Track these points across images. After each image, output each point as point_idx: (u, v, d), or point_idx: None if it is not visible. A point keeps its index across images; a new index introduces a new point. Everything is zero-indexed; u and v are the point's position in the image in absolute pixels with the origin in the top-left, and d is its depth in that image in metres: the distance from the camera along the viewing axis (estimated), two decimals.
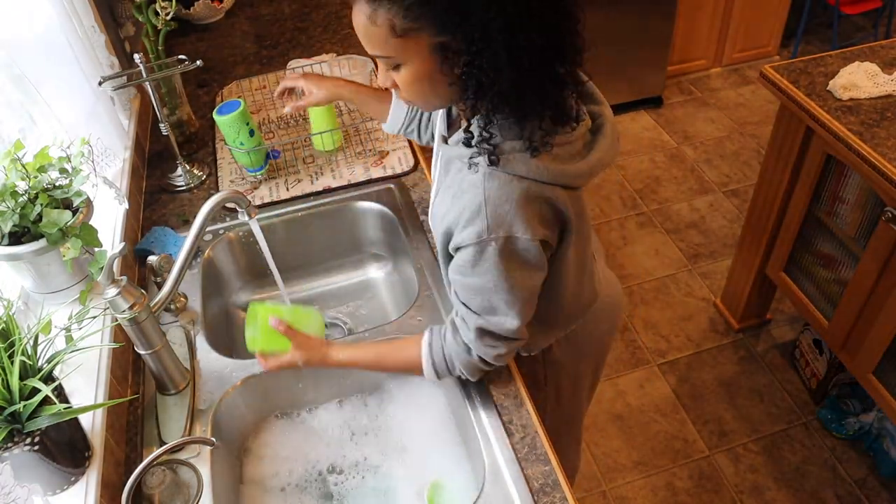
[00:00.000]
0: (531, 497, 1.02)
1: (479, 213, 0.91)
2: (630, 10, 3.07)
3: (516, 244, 0.93)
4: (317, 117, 1.63)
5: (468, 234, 0.93)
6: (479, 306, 1.00)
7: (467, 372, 1.09)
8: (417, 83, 0.91)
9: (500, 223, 0.91)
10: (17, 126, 1.33)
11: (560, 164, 0.92)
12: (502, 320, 1.00)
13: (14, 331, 0.91)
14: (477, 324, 1.01)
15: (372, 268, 1.65)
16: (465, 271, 0.97)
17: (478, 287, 0.97)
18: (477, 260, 0.94)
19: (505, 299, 0.98)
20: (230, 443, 1.23)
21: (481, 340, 1.02)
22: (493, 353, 1.04)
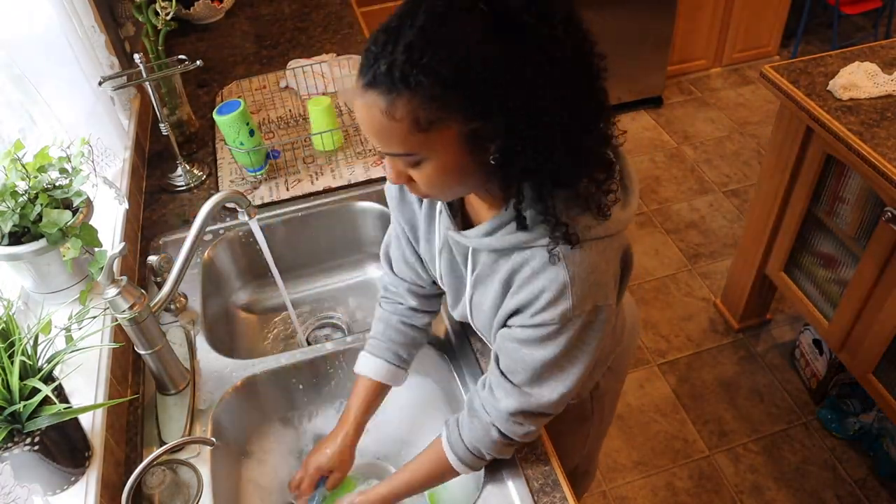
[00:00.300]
0: (531, 497, 1.02)
1: (563, 294, 0.81)
2: (630, 10, 3.07)
3: (600, 314, 0.85)
4: (317, 117, 1.63)
5: (548, 316, 0.83)
6: (525, 379, 0.90)
7: (497, 454, 0.99)
8: (443, 177, 0.79)
9: (586, 297, 0.82)
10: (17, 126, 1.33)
11: (621, 210, 0.85)
12: (543, 393, 0.90)
13: (14, 331, 0.91)
14: (514, 401, 0.91)
15: (372, 268, 1.65)
16: (529, 344, 0.87)
17: (535, 360, 0.87)
18: (552, 337, 0.85)
19: (563, 369, 0.88)
20: (230, 443, 1.23)
21: (512, 418, 0.93)
22: (522, 431, 0.94)
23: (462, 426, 0.99)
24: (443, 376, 1.27)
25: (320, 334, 1.53)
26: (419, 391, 1.32)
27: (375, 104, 0.73)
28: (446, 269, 1.01)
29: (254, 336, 1.53)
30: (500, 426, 0.94)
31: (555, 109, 0.72)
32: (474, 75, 0.70)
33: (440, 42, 0.69)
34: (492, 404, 0.94)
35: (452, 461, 1.00)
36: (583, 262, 0.81)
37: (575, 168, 0.77)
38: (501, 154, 0.74)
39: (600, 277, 0.83)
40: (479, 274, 0.93)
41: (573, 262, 0.81)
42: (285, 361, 1.26)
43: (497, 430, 0.95)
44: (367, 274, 1.64)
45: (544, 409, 0.92)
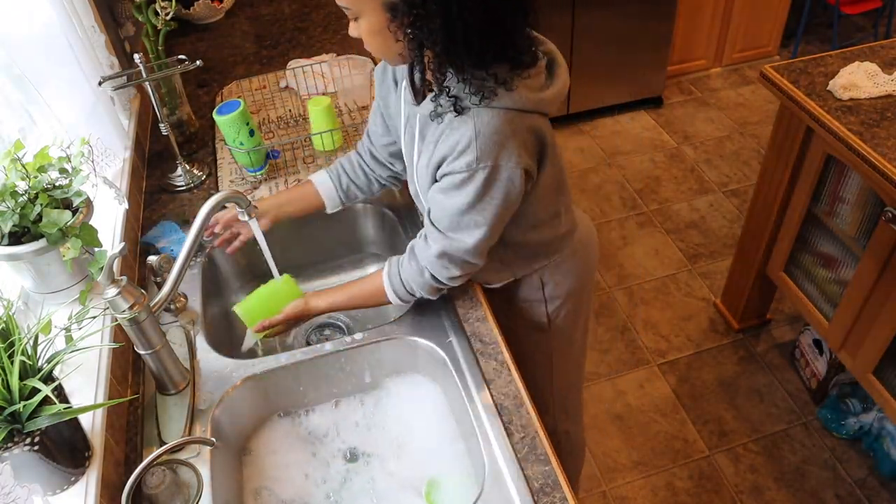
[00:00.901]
0: (531, 497, 1.02)
1: (469, 146, 1.00)
2: (630, 10, 3.07)
3: (501, 172, 1.02)
4: (317, 117, 1.63)
5: (458, 164, 1.01)
6: (447, 225, 1.09)
7: (425, 292, 1.19)
8: (373, 36, 1.00)
9: (488, 153, 1.00)
10: (17, 126, 1.33)
11: (536, 93, 1.03)
12: (463, 238, 1.09)
13: (14, 331, 0.91)
14: (440, 245, 1.10)
15: (372, 268, 1.65)
16: (447, 192, 1.06)
17: (453, 207, 1.06)
18: (462, 184, 1.03)
19: (474, 220, 1.07)
20: (230, 443, 1.23)
21: (439, 261, 1.12)
22: (447, 274, 1.14)
23: (401, 265, 1.19)
24: (443, 376, 1.27)
25: (320, 334, 1.53)
26: (419, 391, 1.32)
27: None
28: (407, 144, 1.20)
29: None
30: (430, 268, 1.14)
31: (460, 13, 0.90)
32: None
33: None
34: (423, 249, 1.14)
35: (388, 291, 1.21)
36: (489, 123, 0.99)
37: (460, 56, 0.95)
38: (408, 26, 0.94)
39: (504, 140, 1.00)
40: (426, 142, 1.10)
41: (481, 121, 1.00)
42: (285, 361, 1.26)
43: (428, 273, 1.15)
44: (367, 274, 1.64)
45: (465, 254, 1.11)
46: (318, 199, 1.39)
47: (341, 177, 1.39)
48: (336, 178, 1.39)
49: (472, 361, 1.21)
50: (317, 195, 1.38)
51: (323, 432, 1.29)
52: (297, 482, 1.22)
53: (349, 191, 1.39)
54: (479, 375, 1.19)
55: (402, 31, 0.96)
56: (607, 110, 3.49)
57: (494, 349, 1.23)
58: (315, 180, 1.39)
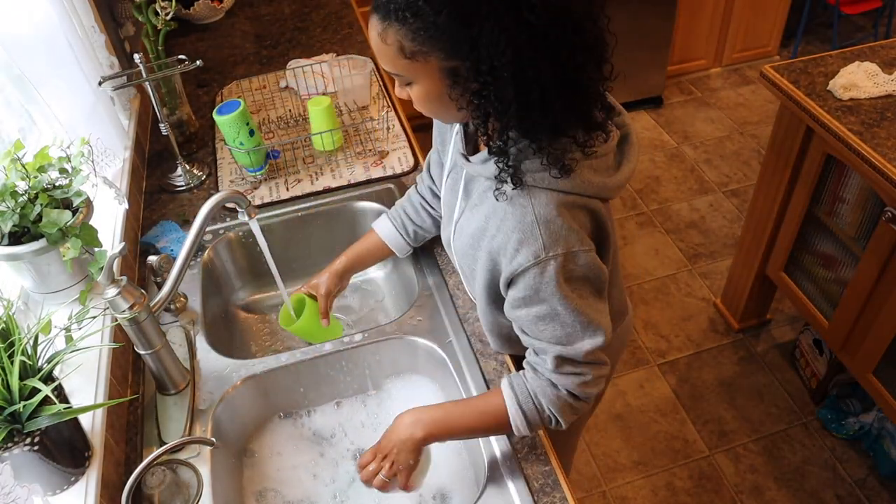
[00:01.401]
0: (531, 497, 1.02)
1: (532, 233, 0.88)
2: (630, 10, 3.07)
3: (577, 260, 0.90)
4: (317, 117, 1.63)
5: (523, 257, 0.89)
6: (553, 336, 0.94)
7: (556, 411, 0.98)
8: (428, 102, 0.90)
9: (556, 240, 0.88)
10: (17, 126, 1.33)
11: (601, 177, 0.91)
12: (580, 345, 0.94)
13: (14, 331, 0.91)
14: (554, 353, 0.95)
15: (372, 268, 1.65)
16: (527, 300, 0.92)
17: (545, 315, 0.92)
18: (538, 284, 0.90)
19: (580, 321, 0.92)
20: (230, 443, 1.23)
21: (561, 370, 0.96)
22: (578, 381, 0.96)
23: (526, 377, 1.01)
24: (443, 376, 1.27)
25: None
26: (419, 391, 1.32)
27: (375, 27, 0.85)
28: (448, 188, 1.10)
29: (254, 336, 1.53)
30: (557, 381, 0.97)
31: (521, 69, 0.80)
32: (451, 20, 0.80)
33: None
34: (541, 363, 0.98)
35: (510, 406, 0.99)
36: (547, 205, 0.88)
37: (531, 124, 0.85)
38: (472, 93, 0.84)
39: (568, 223, 0.89)
40: (471, 201, 1.02)
41: (539, 203, 0.88)
42: (285, 361, 1.26)
43: (556, 385, 0.97)
44: (367, 274, 1.64)
45: (587, 358, 0.95)
46: (386, 250, 1.33)
47: (405, 224, 1.32)
48: (401, 225, 1.32)
49: (472, 361, 1.21)
50: (384, 247, 1.33)
51: (329, 433, 1.29)
52: (305, 483, 1.22)
53: (416, 236, 1.32)
54: (479, 375, 1.19)
55: (466, 98, 0.85)
56: None
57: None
58: (380, 231, 1.32)
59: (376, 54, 0.88)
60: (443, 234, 1.15)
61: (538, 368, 0.99)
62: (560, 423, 1.00)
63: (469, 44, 0.80)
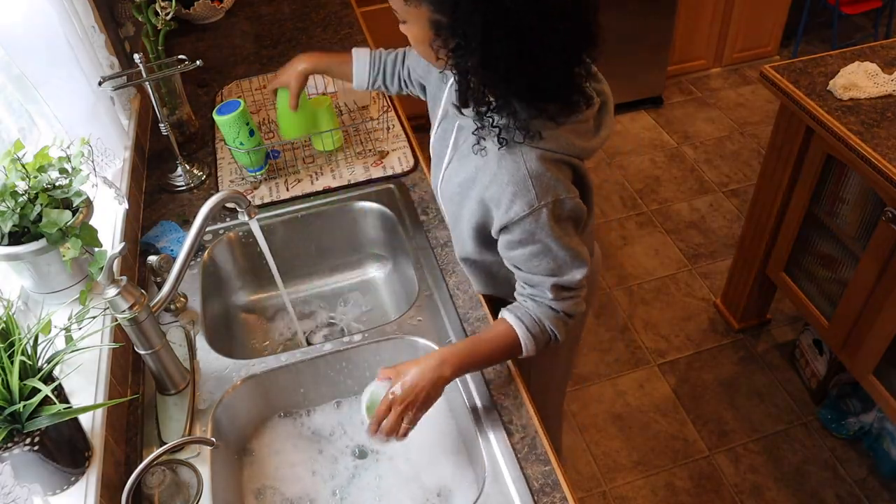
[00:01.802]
0: (531, 497, 1.02)
1: (525, 186, 0.97)
2: (630, 10, 3.07)
3: (565, 206, 1.00)
4: (319, 117, 1.63)
5: (518, 207, 0.98)
6: (547, 269, 1.04)
7: (557, 329, 1.11)
8: (417, 45, 1.00)
9: (546, 190, 0.97)
10: (17, 126, 1.33)
11: (581, 140, 1.01)
12: (573, 274, 1.05)
13: (14, 331, 0.91)
14: (551, 283, 1.05)
15: (372, 268, 1.65)
16: (523, 242, 1.02)
17: (540, 252, 1.02)
18: (533, 228, 0.99)
19: (569, 255, 1.03)
20: (230, 443, 1.23)
21: (559, 295, 1.07)
22: (573, 303, 1.09)
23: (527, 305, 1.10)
24: None
25: (320, 334, 1.53)
26: None
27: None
28: (438, 137, 1.18)
29: (254, 336, 1.53)
30: (555, 305, 1.08)
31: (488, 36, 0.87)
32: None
33: None
34: (540, 295, 1.08)
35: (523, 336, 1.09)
36: (537, 160, 0.97)
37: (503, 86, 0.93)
38: (451, 50, 0.92)
39: (556, 176, 0.98)
40: (460, 151, 1.09)
41: (529, 158, 0.97)
42: (285, 361, 1.26)
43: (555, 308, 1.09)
44: (367, 274, 1.64)
45: (577, 284, 1.07)
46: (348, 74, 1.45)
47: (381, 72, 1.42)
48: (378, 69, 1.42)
49: None
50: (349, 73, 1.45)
51: (329, 431, 1.29)
52: (304, 480, 1.22)
53: (375, 85, 1.45)
54: (479, 375, 1.19)
55: (445, 52, 0.94)
56: None
57: None
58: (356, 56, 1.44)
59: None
60: (432, 178, 1.25)
61: (537, 298, 1.09)
62: (558, 338, 1.12)
63: (452, 3, 0.88)
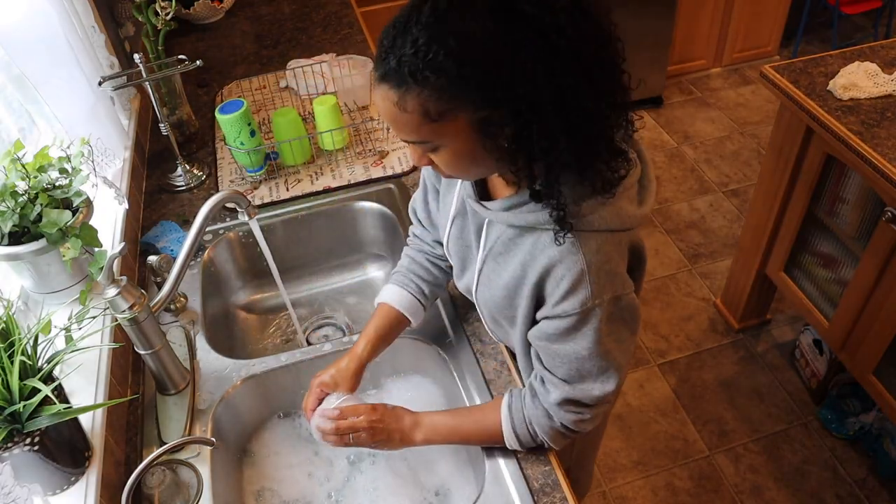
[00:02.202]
0: (531, 497, 1.02)
1: (581, 282, 0.85)
2: (630, 10, 3.07)
3: (621, 303, 0.88)
4: (323, 116, 1.63)
5: (570, 305, 0.86)
6: (567, 374, 0.92)
7: (549, 439, 1.00)
8: (459, 162, 0.84)
9: (604, 286, 0.86)
10: (17, 126, 1.33)
11: (634, 207, 0.88)
12: (591, 387, 0.92)
13: (14, 331, 0.91)
14: (562, 394, 0.94)
15: (372, 268, 1.65)
16: (558, 339, 0.90)
17: (569, 354, 0.90)
18: (577, 328, 0.88)
19: (599, 365, 0.91)
20: (230, 443, 1.23)
21: (563, 408, 0.95)
22: (576, 418, 0.96)
23: (525, 400, 1.00)
24: (443, 376, 1.27)
25: (320, 334, 1.53)
26: (419, 391, 1.32)
27: (388, 97, 0.77)
28: (455, 236, 1.04)
29: (254, 336, 1.53)
30: (554, 414, 0.97)
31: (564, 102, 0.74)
32: (479, 68, 0.73)
33: (444, 37, 0.72)
34: (543, 395, 0.97)
35: (505, 428, 1.01)
36: (598, 251, 0.85)
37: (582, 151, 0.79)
38: (511, 139, 0.77)
39: (616, 267, 0.87)
40: (494, 248, 0.95)
41: (589, 250, 0.84)
42: (285, 361, 1.26)
43: (555, 418, 0.97)
44: (367, 274, 1.64)
45: (594, 401, 0.94)
46: (405, 322, 1.18)
47: (421, 286, 1.18)
48: (417, 290, 1.18)
49: (472, 361, 1.21)
50: (405, 319, 1.17)
51: None
52: (300, 482, 1.22)
53: (433, 295, 1.21)
54: (479, 375, 1.19)
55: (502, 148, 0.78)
56: None
57: (494, 349, 1.23)
58: (398, 304, 1.16)
59: (393, 125, 0.81)
60: (459, 283, 1.10)
61: (539, 397, 0.98)
62: (552, 448, 1.02)
63: (503, 88, 0.73)
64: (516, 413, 1.00)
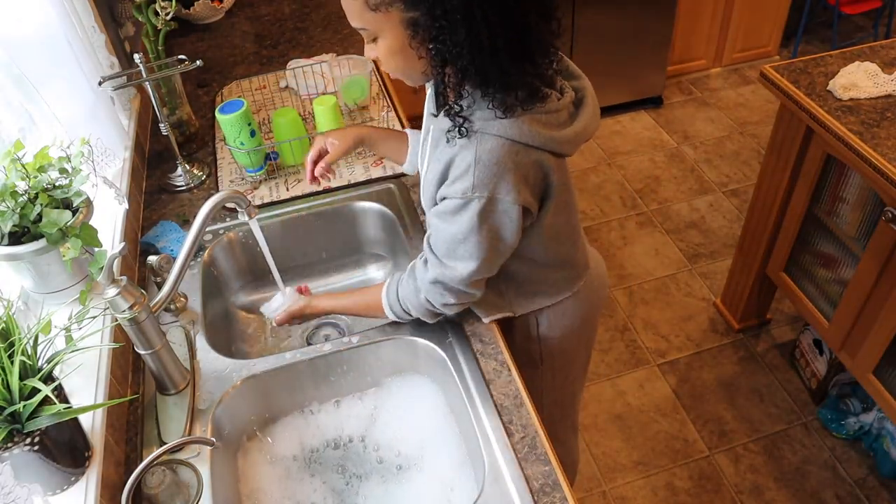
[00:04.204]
0: (531, 497, 1.02)
1: (467, 171, 0.96)
2: (630, 10, 3.07)
3: (497, 205, 0.98)
4: (323, 116, 1.63)
5: (455, 189, 0.98)
6: (443, 251, 1.06)
7: (420, 314, 1.18)
8: (393, 56, 0.97)
9: (485, 183, 0.96)
10: (17, 126, 1.33)
11: (548, 130, 0.98)
12: (458, 266, 1.06)
13: (14, 331, 0.91)
14: (435, 271, 1.08)
15: (372, 268, 1.65)
16: (443, 217, 1.03)
17: (448, 234, 1.03)
18: (457, 211, 1.00)
19: (468, 250, 1.03)
20: (230, 443, 1.23)
21: (434, 287, 1.10)
22: (442, 300, 1.12)
23: (400, 283, 1.18)
24: (443, 376, 1.27)
25: (320, 334, 1.53)
26: (418, 391, 1.32)
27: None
28: (422, 152, 1.17)
29: (254, 336, 1.53)
30: (426, 293, 1.13)
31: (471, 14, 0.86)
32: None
33: None
34: (421, 271, 1.12)
35: (385, 306, 1.21)
36: (490, 151, 0.95)
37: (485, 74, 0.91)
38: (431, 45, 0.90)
39: (503, 172, 0.96)
40: (434, 154, 1.07)
41: (482, 148, 0.95)
42: (285, 361, 1.26)
43: (423, 296, 1.13)
44: (367, 274, 1.64)
45: (460, 283, 1.09)
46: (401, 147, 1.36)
47: None
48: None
49: (472, 361, 1.21)
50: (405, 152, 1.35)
51: (323, 432, 1.29)
52: (301, 482, 1.22)
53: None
54: (479, 375, 1.19)
55: (425, 47, 0.92)
56: (607, 110, 3.49)
57: (494, 349, 1.23)
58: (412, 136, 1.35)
59: (346, 11, 0.95)
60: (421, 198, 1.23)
61: (416, 273, 1.13)
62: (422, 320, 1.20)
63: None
64: (391, 292, 1.19)
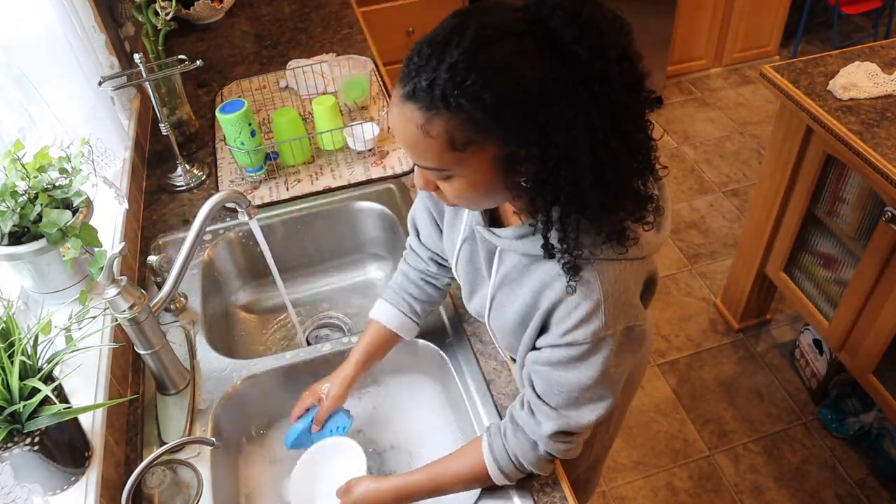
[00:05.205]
0: (531, 497, 1.02)
1: (596, 312, 0.81)
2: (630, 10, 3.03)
3: (633, 333, 0.85)
4: (322, 116, 1.63)
5: (582, 334, 0.82)
6: (561, 403, 0.89)
7: (537, 469, 0.97)
8: (471, 191, 0.79)
9: (618, 316, 0.82)
10: (17, 126, 1.33)
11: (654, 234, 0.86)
12: (583, 415, 0.89)
13: (14, 331, 0.91)
14: (554, 423, 0.90)
15: (372, 268, 1.65)
16: (562, 366, 0.86)
17: (571, 383, 0.87)
18: (585, 357, 0.84)
19: (598, 394, 0.88)
20: (230, 443, 1.23)
21: (554, 439, 0.92)
22: (564, 448, 0.94)
23: (506, 435, 0.96)
24: (443, 376, 1.27)
25: (320, 334, 1.53)
26: (419, 391, 1.32)
27: (412, 118, 0.73)
28: (465, 261, 1.01)
29: (254, 336, 1.53)
30: (543, 445, 0.93)
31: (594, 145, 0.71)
32: (517, 105, 0.70)
33: (485, 66, 0.69)
34: (532, 426, 0.93)
35: (491, 469, 0.97)
36: (617, 280, 0.81)
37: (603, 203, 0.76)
38: (534, 179, 0.74)
39: (631, 297, 0.83)
40: (507, 276, 0.92)
41: (607, 279, 0.81)
42: (285, 361, 1.26)
43: (543, 449, 0.94)
44: (367, 274, 1.64)
45: (582, 429, 0.92)
46: (395, 339, 1.18)
47: (412, 304, 1.17)
48: (408, 308, 1.17)
49: (472, 361, 1.21)
50: (394, 336, 1.17)
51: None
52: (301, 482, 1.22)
53: (424, 313, 1.19)
54: (479, 375, 1.19)
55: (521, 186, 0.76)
56: None
57: (494, 349, 1.23)
58: (386, 321, 1.16)
59: (411, 148, 0.76)
60: (468, 306, 1.06)
61: (525, 427, 0.94)
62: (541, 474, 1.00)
63: (537, 129, 0.70)
64: (499, 452, 0.96)
